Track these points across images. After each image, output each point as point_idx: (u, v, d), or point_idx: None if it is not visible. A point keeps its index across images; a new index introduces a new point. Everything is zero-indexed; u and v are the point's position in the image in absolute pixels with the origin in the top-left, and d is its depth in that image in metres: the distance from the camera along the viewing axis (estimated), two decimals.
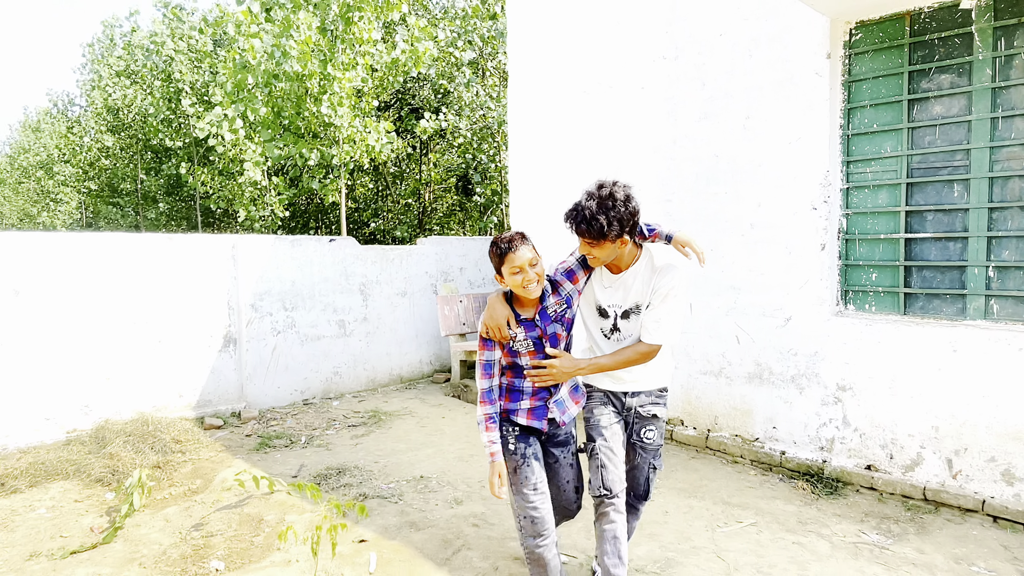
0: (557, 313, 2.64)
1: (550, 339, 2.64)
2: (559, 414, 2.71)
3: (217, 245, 6.23)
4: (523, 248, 2.50)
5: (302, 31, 9.95)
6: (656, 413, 2.85)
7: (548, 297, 2.64)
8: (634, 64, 5.39)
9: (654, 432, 2.84)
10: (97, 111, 22.71)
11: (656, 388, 2.83)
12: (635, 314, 2.67)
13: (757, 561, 3.47)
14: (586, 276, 2.72)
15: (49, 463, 4.89)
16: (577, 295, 2.71)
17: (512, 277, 2.52)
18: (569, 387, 2.78)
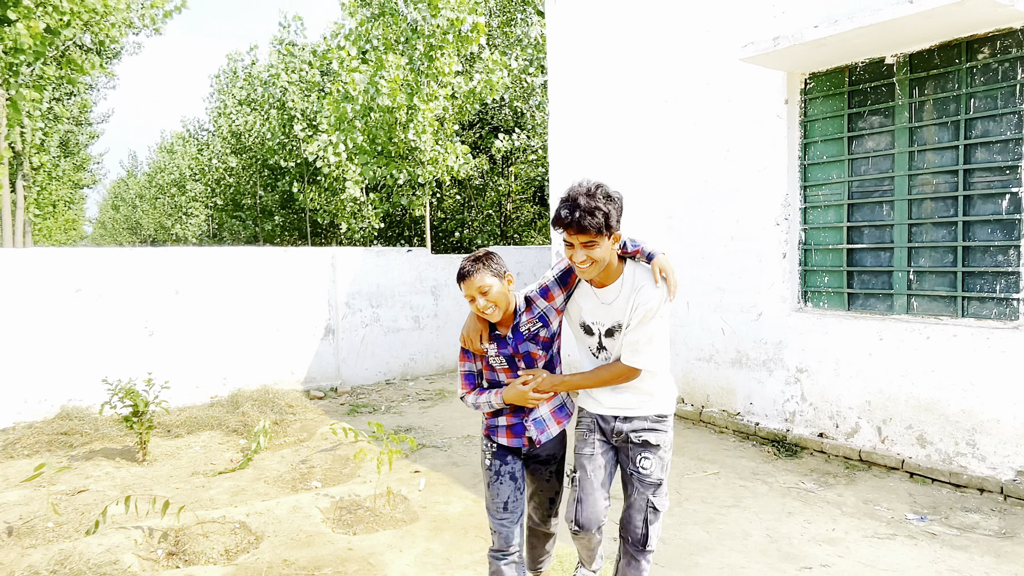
0: (531, 332, 2.53)
1: (524, 358, 2.55)
2: (536, 433, 2.58)
3: (320, 256, 7.92)
4: (477, 275, 2.43)
5: (391, 71, 11.62)
6: (647, 440, 2.52)
7: (521, 315, 2.55)
8: (642, 105, 6.53)
9: (650, 462, 2.51)
10: (222, 135, 25.66)
11: (652, 414, 2.54)
12: (618, 333, 2.49)
13: (705, 496, 4.57)
14: (563, 293, 2.58)
15: (199, 418, 6.65)
16: (556, 313, 2.58)
17: (469, 303, 2.49)
18: (552, 406, 2.64)
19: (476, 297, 2.44)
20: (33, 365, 6.22)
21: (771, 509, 4.33)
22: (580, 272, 2.39)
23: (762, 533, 3.99)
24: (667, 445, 2.58)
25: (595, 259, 2.33)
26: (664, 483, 2.58)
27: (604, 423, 2.59)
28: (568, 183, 6.65)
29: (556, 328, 2.61)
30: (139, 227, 42.24)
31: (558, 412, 2.66)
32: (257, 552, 3.80)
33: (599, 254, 2.32)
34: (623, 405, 2.55)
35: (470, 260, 2.49)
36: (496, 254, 2.55)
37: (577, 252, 2.33)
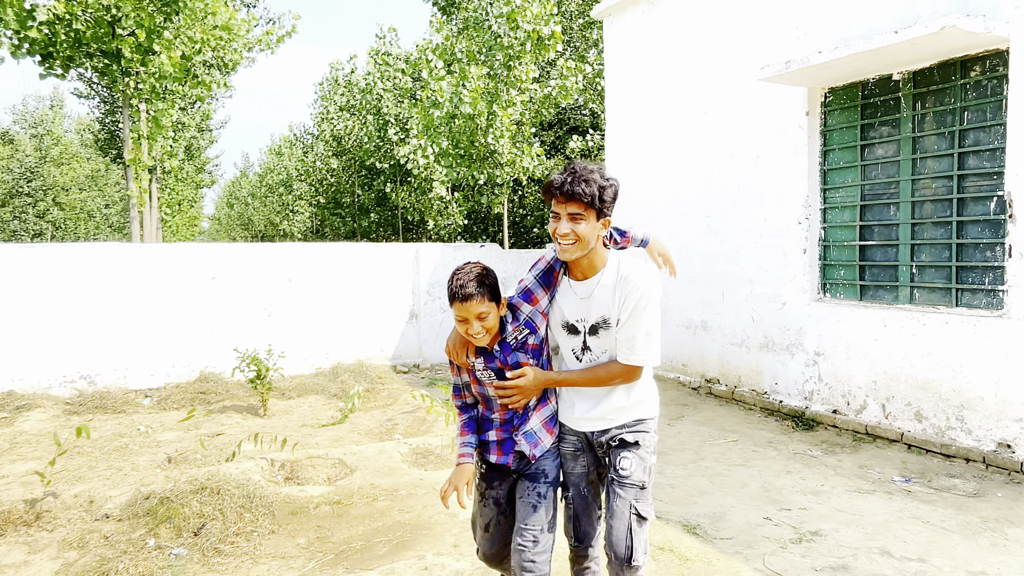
0: (518, 341, 2.35)
1: (513, 368, 2.35)
2: (528, 448, 2.39)
3: (405, 251, 9.13)
4: (476, 300, 2.20)
5: (473, 81, 12.73)
6: (623, 439, 2.34)
7: (507, 326, 2.35)
8: (685, 115, 7.26)
9: (630, 461, 2.31)
10: (325, 139, 27.80)
11: (631, 419, 2.37)
12: (603, 329, 2.29)
13: (719, 457, 5.34)
14: (547, 295, 2.38)
15: (306, 384, 7.99)
16: (541, 316, 2.38)
17: (457, 322, 2.29)
18: (543, 417, 2.44)
19: (471, 321, 2.23)
20: (179, 337, 7.75)
21: (773, 469, 5.05)
22: (562, 252, 2.20)
23: (759, 485, 4.74)
24: (648, 445, 2.36)
25: (580, 236, 2.15)
26: (648, 489, 2.33)
27: (587, 439, 2.43)
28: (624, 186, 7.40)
29: (544, 333, 2.41)
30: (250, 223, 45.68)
31: (549, 423, 2.45)
32: (351, 479, 4.95)
33: (585, 231, 2.15)
34: (602, 416, 2.36)
35: (471, 279, 2.22)
36: (492, 270, 2.32)
37: (563, 224, 2.16)
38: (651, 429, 2.42)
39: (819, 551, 3.71)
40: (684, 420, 6.42)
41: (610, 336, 2.30)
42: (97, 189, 40.79)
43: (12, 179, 35.27)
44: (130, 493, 4.56)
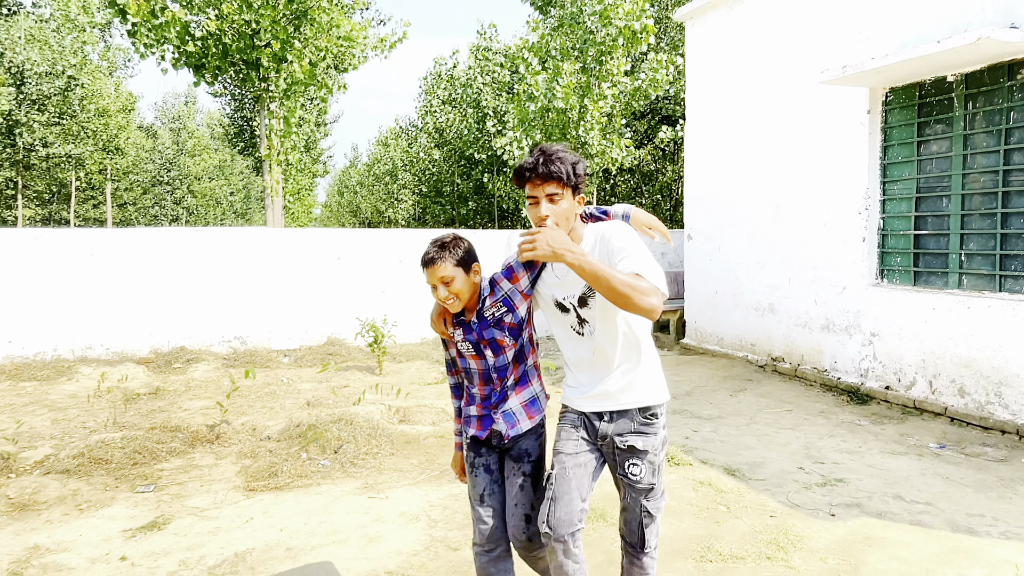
0: (495, 316, 2.35)
1: (489, 344, 2.36)
2: (505, 427, 2.38)
3: (499, 237, 10.17)
4: (440, 264, 2.26)
5: (565, 77, 13.54)
6: (633, 445, 2.28)
7: (485, 299, 2.37)
8: (757, 111, 7.79)
9: (639, 468, 2.29)
10: (428, 131, 29.35)
11: (638, 407, 2.28)
12: (591, 297, 2.24)
13: (771, 422, 6.01)
14: (528, 275, 2.36)
15: (413, 351, 9.22)
16: (521, 297, 2.35)
17: (431, 290, 2.33)
18: (523, 399, 2.43)
19: (437, 286, 2.28)
20: (311, 307, 9.18)
21: (819, 433, 5.68)
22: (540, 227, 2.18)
23: (801, 444, 5.40)
24: (657, 448, 2.31)
25: (559, 215, 2.17)
26: (658, 486, 2.35)
27: (589, 423, 2.33)
28: (701, 177, 8.11)
29: (523, 314, 2.37)
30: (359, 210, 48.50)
31: (529, 406, 2.43)
32: (450, 423, 6.03)
33: (563, 209, 2.17)
34: (608, 392, 2.28)
35: (435, 245, 2.29)
36: (465, 240, 2.35)
37: (542, 206, 2.16)
38: (660, 428, 2.32)
39: (839, 493, 4.39)
40: (746, 392, 7.07)
41: (601, 301, 2.20)
42: (224, 178, 44.61)
43: (154, 169, 39.39)
44: (283, 423, 5.85)
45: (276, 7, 11.59)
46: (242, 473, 4.77)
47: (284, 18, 11.88)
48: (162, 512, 4.10)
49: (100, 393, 6.82)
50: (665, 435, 2.37)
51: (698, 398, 6.95)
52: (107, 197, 31.71)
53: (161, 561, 3.49)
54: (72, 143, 24.09)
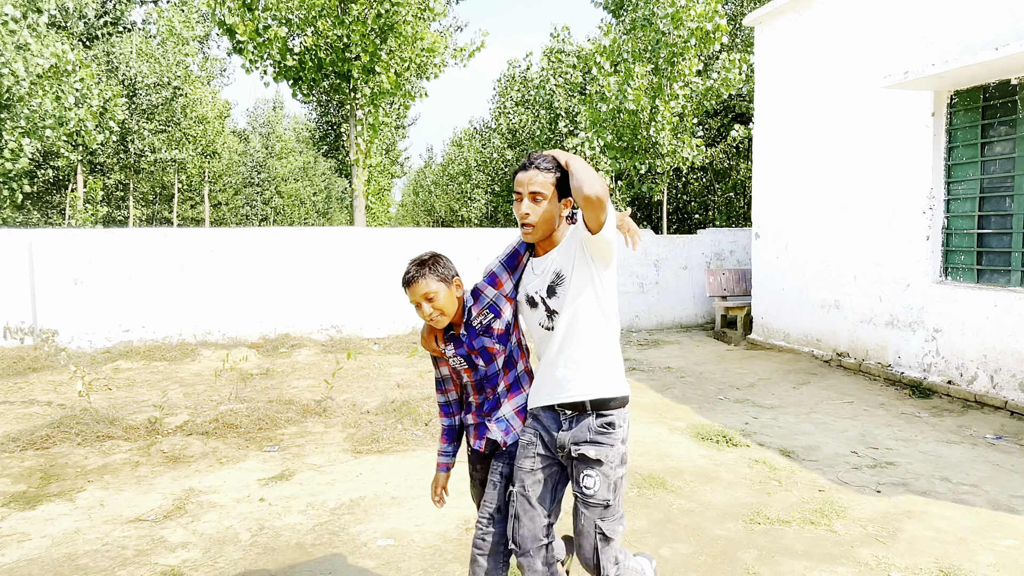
0: (483, 325, 2.37)
1: (480, 354, 2.38)
2: (500, 435, 2.40)
3: None
4: (422, 281, 2.30)
5: (637, 79, 13.91)
6: (585, 454, 2.21)
7: (470, 309, 2.40)
8: (824, 113, 8.01)
9: (593, 479, 2.19)
10: (501, 132, 30.08)
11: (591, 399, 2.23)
12: (560, 286, 2.24)
13: (831, 412, 6.32)
14: (511, 278, 2.39)
15: None
16: (507, 301, 2.38)
17: (415, 309, 2.34)
18: (515, 405, 2.45)
19: (421, 303, 2.31)
20: (396, 301, 10.01)
21: (876, 423, 5.95)
22: (524, 233, 2.27)
23: (857, 432, 5.71)
24: (614, 460, 2.22)
25: (541, 214, 2.21)
26: (615, 506, 2.23)
27: (548, 434, 2.29)
28: (769, 178, 8.40)
29: (510, 318, 2.40)
30: (433, 209, 49.90)
31: (522, 411, 2.44)
32: None
33: (543, 210, 2.21)
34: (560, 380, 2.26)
35: (414, 264, 2.34)
36: (443, 257, 2.40)
37: (524, 203, 2.23)
38: (617, 440, 2.25)
39: (888, 474, 4.73)
40: (809, 385, 7.36)
41: (567, 289, 2.23)
42: (307, 179, 46.84)
43: (246, 171, 41.91)
44: (379, 400, 6.62)
45: (365, 22, 12.53)
46: (348, 439, 5.54)
47: (372, 32, 12.81)
48: (287, 467, 4.90)
49: (221, 372, 7.82)
50: (624, 452, 2.27)
51: (761, 389, 7.29)
52: (205, 198, 34.08)
53: (292, 503, 4.25)
54: (176, 148, 26.17)
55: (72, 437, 5.35)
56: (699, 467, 4.85)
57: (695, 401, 6.77)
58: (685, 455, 5.12)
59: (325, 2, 12.26)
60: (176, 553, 3.59)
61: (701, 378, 7.80)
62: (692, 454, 5.14)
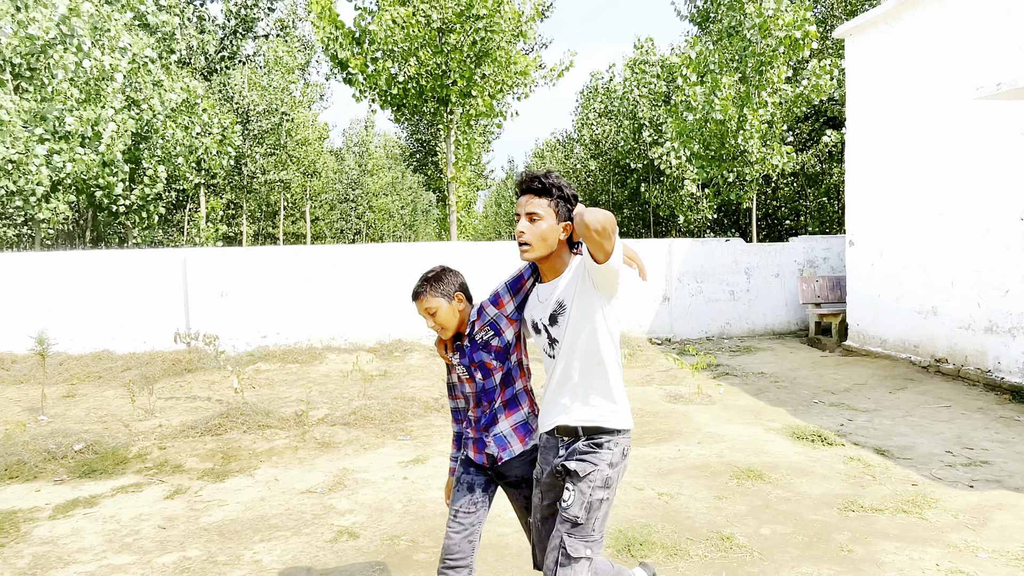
0: (483, 339, 2.47)
1: (479, 368, 2.47)
2: (496, 450, 2.47)
3: (660, 245, 11.12)
4: (425, 297, 2.46)
5: (724, 90, 14.14)
6: (567, 466, 2.24)
7: (474, 323, 2.51)
8: (919, 121, 8.10)
9: (570, 493, 2.20)
10: (584, 143, 30.59)
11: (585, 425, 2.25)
12: (561, 314, 2.25)
13: (926, 415, 6.48)
14: (513, 300, 2.45)
15: None
16: (507, 321, 2.45)
17: None
18: (513, 422, 2.50)
19: (426, 318, 2.49)
20: None
21: (973, 426, 6.09)
22: (521, 253, 2.26)
23: (953, 434, 5.88)
24: (594, 479, 2.20)
25: (537, 235, 2.22)
26: (585, 526, 2.19)
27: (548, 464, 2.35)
28: (862, 186, 8.56)
29: (510, 338, 2.47)
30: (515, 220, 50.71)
31: (520, 429, 2.50)
32: None
33: (540, 230, 2.22)
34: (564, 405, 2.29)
35: (421, 279, 2.51)
36: (450, 272, 2.55)
37: (521, 222, 2.25)
38: (600, 460, 2.23)
39: (981, 471, 4.94)
40: (905, 391, 7.48)
41: (569, 319, 2.24)
42: (395, 193, 48.86)
43: (342, 188, 44.29)
44: None
45: (462, 50, 13.44)
46: None
47: (468, 58, 13.70)
48: (420, 452, 5.64)
49: (349, 373, 8.76)
50: (609, 476, 2.22)
51: (856, 394, 7.48)
52: (306, 214, 36.37)
53: (431, 482, 4.97)
54: (283, 170, 28.24)
55: (238, 426, 6.31)
56: (795, 463, 5.22)
57: (790, 404, 7.07)
58: (781, 452, 5.49)
59: (426, 34, 13.25)
60: (345, 517, 4.35)
61: (795, 383, 8.05)
62: (788, 451, 5.51)
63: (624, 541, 3.86)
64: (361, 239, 43.32)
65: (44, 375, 8.19)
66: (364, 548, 3.92)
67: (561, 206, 2.27)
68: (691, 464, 5.24)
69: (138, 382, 8.40)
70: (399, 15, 12.66)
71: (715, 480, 4.87)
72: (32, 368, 8.87)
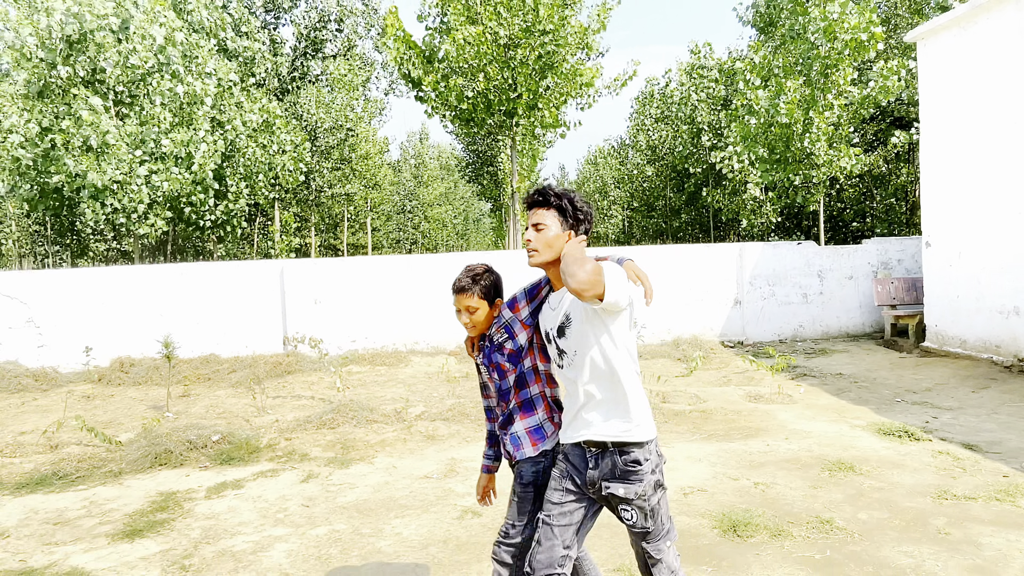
0: (498, 342, 2.55)
1: (495, 369, 2.56)
2: (512, 448, 2.56)
3: (730, 249, 11.30)
4: (468, 294, 2.52)
5: (789, 94, 14.19)
6: (615, 492, 2.28)
7: (493, 325, 2.58)
8: (996, 124, 8.11)
9: (630, 513, 2.29)
10: (640, 148, 30.66)
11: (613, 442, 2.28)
12: (568, 327, 2.32)
13: (1014, 413, 6.54)
14: (528, 306, 2.53)
15: (654, 350, 10.71)
16: (521, 326, 2.52)
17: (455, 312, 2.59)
18: (527, 425, 2.56)
19: (461, 312, 2.54)
20: None
21: None
22: (529, 259, 2.36)
23: None
24: (646, 493, 2.27)
25: (543, 244, 2.30)
26: (657, 530, 2.33)
27: (578, 472, 2.36)
28: (938, 188, 8.64)
29: (523, 343, 2.53)
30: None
31: (534, 433, 2.54)
32: (706, 404, 7.40)
33: (547, 237, 2.30)
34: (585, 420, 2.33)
35: (468, 276, 2.55)
36: (495, 273, 2.61)
37: (528, 232, 2.34)
38: (644, 474, 2.27)
39: None
40: (989, 390, 7.51)
41: (576, 332, 2.29)
42: (448, 203, 49.80)
43: (399, 199, 45.50)
44: None
45: (528, 64, 13.93)
46: None
47: (534, 72, 14.18)
48: None
49: (432, 375, 9.28)
50: (657, 479, 2.31)
51: (939, 393, 7.55)
52: (367, 226, 37.57)
53: None
54: (348, 183, 29.35)
55: (348, 420, 6.87)
56: (884, 456, 5.42)
57: (872, 403, 7.21)
58: (869, 446, 5.69)
59: (493, 51, 13.80)
60: (464, 499, 4.80)
61: (875, 383, 8.15)
62: (876, 446, 5.70)
63: (729, 523, 4.17)
64: (417, 249, 44.42)
65: (168, 376, 9.00)
66: (488, 525, 4.35)
67: (567, 216, 2.32)
68: (781, 457, 5.49)
69: (245, 383, 9.12)
70: (470, 34, 13.25)
71: (807, 472, 5.12)
72: (147, 371, 9.72)
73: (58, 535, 4.44)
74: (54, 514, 4.80)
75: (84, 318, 10.10)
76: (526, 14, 13.54)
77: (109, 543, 4.28)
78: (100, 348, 10.03)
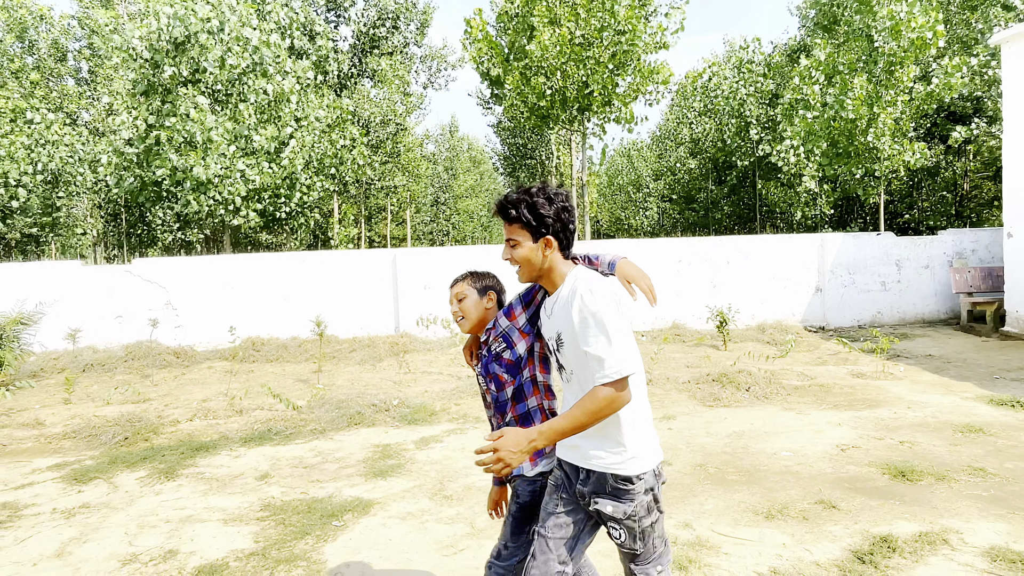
0: (496, 351, 2.44)
1: (493, 380, 2.46)
2: None
3: (812, 240, 11.93)
4: (461, 283, 2.54)
5: (856, 91, 14.68)
6: (602, 510, 2.18)
7: (490, 331, 2.50)
8: None
9: (618, 532, 2.19)
10: (682, 141, 31.01)
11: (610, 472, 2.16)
12: (563, 345, 2.21)
13: None
14: (525, 313, 2.42)
15: (742, 335, 11.35)
16: (519, 335, 2.42)
17: None
18: None
19: (452, 301, 2.54)
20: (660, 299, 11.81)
21: None
22: (517, 276, 2.31)
23: None
24: (637, 513, 2.18)
25: (520, 260, 2.24)
26: (647, 553, 2.25)
27: (569, 483, 2.30)
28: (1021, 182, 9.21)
29: (522, 352, 2.43)
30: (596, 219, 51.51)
31: None
32: (815, 380, 8.04)
33: (521, 255, 2.22)
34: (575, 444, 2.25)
35: (465, 272, 2.60)
36: (492, 276, 2.61)
37: (505, 250, 2.27)
38: (636, 494, 2.17)
39: None
40: None
41: (574, 350, 2.18)
42: (475, 195, 50.38)
43: (433, 191, 46.30)
44: (689, 375, 8.36)
45: (602, 62, 14.58)
46: (692, 398, 7.34)
47: (610, 70, 14.83)
48: (664, 412, 6.77)
49: None
50: (649, 501, 2.20)
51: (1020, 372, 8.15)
52: (408, 217, 38.42)
53: (693, 432, 6.07)
54: (394, 176, 30.16)
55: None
56: (1005, 422, 6.06)
57: (973, 379, 7.83)
58: (987, 414, 6.33)
59: (571, 50, 14.47)
60: None
61: (966, 364, 8.77)
62: (994, 413, 6.34)
63: (896, 470, 4.86)
64: (448, 241, 45.26)
65: (320, 351, 9.83)
66: (682, 470, 5.08)
67: (535, 225, 2.20)
68: (911, 423, 6.16)
69: (369, 361, 9.94)
70: (554, 36, 13.92)
71: (941, 433, 5.79)
72: (277, 349, 10.57)
73: (313, 475, 5.23)
74: (295, 460, 5.60)
75: (216, 301, 10.98)
76: (604, 15, 14.19)
77: (365, 480, 5.07)
78: (232, 329, 10.91)
